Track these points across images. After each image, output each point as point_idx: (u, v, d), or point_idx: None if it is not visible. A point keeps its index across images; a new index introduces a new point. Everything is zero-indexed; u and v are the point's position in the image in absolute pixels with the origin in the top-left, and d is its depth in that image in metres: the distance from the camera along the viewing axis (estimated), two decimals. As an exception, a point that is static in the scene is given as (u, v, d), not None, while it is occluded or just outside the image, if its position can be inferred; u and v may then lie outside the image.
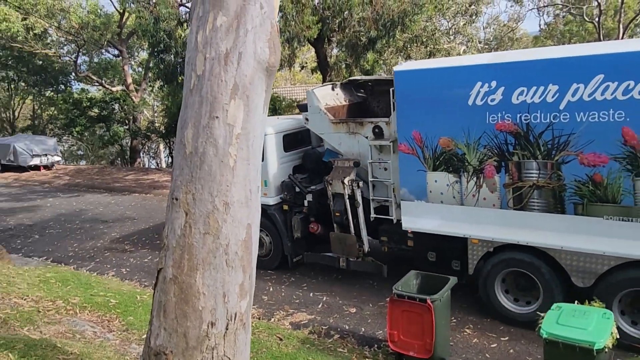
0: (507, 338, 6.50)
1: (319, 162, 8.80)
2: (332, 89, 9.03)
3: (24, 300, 6.98)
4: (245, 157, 2.72)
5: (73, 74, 30.72)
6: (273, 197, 8.89)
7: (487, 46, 31.43)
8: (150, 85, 30.15)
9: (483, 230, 6.64)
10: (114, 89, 28.46)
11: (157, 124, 31.02)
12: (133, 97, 27.59)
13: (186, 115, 2.74)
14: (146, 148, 38.15)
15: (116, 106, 29.34)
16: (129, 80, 28.22)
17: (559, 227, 6.06)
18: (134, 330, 6.40)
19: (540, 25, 32.45)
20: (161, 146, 42.67)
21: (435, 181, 6.90)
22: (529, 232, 6.26)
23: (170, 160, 44.98)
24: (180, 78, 16.26)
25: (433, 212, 7.00)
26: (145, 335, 6.02)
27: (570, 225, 5.98)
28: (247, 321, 2.82)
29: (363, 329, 6.92)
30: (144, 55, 37.59)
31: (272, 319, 7.32)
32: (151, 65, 21.25)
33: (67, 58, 27.94)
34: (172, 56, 15.63)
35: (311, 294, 8.21)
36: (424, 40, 18.78)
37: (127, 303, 7.50)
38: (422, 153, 6.95)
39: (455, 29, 24.42)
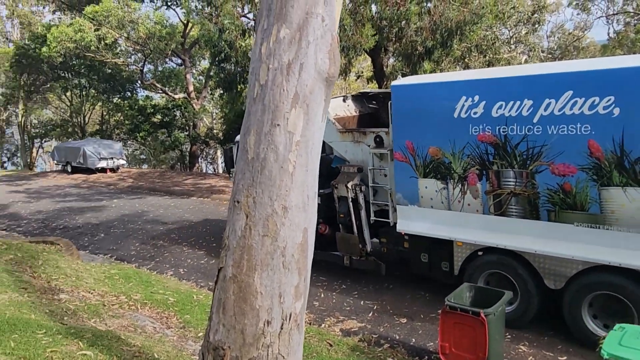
0: (565, 358, 6.27)
1: (329, 167, 9.25)
2: (344, 101, 9.60)
3: (91, 294, 7.42)
4: (304, 163, 2.83)
5: (139, 81, 32.29)
6: None
7: (550, 55, 30.41)
8: (210, 93, 31.18)
9: (467, 234, 7.12)
10: (176, 96, 29.66)
11: (215, 131, 32.01)
12: (194, 105, 28.63)
13: (249, 122, 2.88)
14: (204, 154, 39.42)
15: (178, 113, 30.58)
16: (191, 88, 29.34)
17: (533, 232, 6.46)
18: (191, 328, 6.66)
19: (609, 34, 31.04)
20: (219, 152, 43.98)
21: (426, 187, 7.45)
22: (507, 236, 6.69)
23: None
24: (239, 86, 16.77)
25: (424, 216, 7.55)
26: (201, 333, 6.28)
27: (543, 230, 6.38)
28: (301, 322, 2.92)
29: (414, 340, 6.88)
30: (205, 64, 38.96)
31: (323, 325, 7.40)
32: (212, 74, 22.07)
33: (134, 67, 29.38)
34: (233, 65, 16.12)
35: (362, 302, 8.24)
36: (484, 49, 18.45)
37: (185, 302, 7.80)
38: (414, 161, 7.53)
39: (516, 37, 23.80)
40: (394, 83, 7.76)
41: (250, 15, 16.86)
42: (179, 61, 31.68)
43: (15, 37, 44.60)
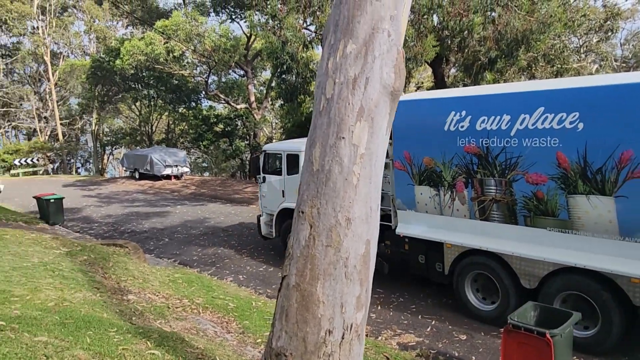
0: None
1: None
2: None
3: (156, 296, 7.75)
4: (368, 175, 2.87)
5: (203, 92, 33.52)
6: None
7: (624, 64, 28.89)
8: (271, 104, 31.86)
9: (455, 237, 7.89)
10: (238, 106, 30.53)
11: (274, 140, 32.62)
12: (255, 115, 29.35)
13: (314, 135, 2.96)
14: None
15: (239, 122, 31.45)
16: (252, 98, 30.12)
17: (512, 235, 7.14)
18: (250, 334, 6.81)
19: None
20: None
21: (421, 194, 8.25)
22: (489, 239, 7.35)
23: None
24: (299, 97, 17.08)
25: (420, 220, 8.38)
26: (260, 340, 6.41)
27: (520, 234, 7.05)
28: (362, 333, 2.94)
29: (474, 358, 6.70)
30: (266, 75, 39.93)
31: (380, 337, 7.36)
32: (273, 85, 22.53)
33: (199, 78, 30.51)
34: (294, 77, 16.46)
35: (419, 317, 8.12)
36: (551, 58, 17.82)
37: (244, 308, 7.99)
38: (411, 170, 8.35)
39: (587, 46, 22.82)
40: (406, 99, 8.40)
41: (312, 28, 17.16)
42: (242, 72, 32.65)
43: (91, 50, 47.59)
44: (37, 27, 45.71)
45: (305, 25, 17.80)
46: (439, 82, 17.24)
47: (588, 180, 6.29)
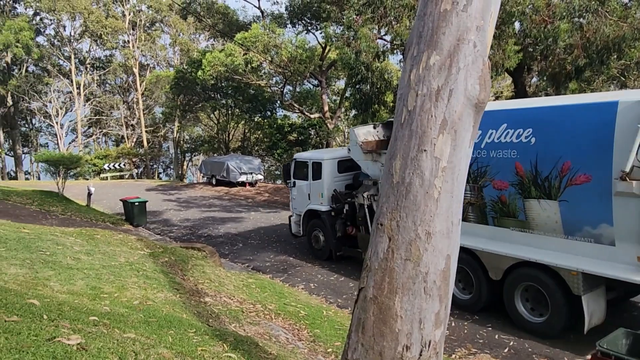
0: None
1: (360, 181, 11.52)
2: (374, 128, 11.23)
3: (231, 300, 7.99)
4: (450, 189, 2.82)
5: (278, 102, 34.32)
6: (325, 206, 12.31)
7: None
8: (345, 113, 32.02)
9: None
10: (311, 116, 30.95)
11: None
12: (328, 124, 29.62)
13: (395, 147, 2.95)
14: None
15: (312, 132, 31.87)
16: (326, 108, 30.41)
17: (483, 234, 8.37)
18: (320, 343, 6.84)
19: None
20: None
21: None
22: (466, 237, 7.34)
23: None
24: (374, 107, 17.05)
25: None
26: (330, 349, 6.41)
27: (489, 233, 8.30)
28: (440, 351, 2.87)
29: (555, 384, 6.34)
30: (340, 84, 40.24)
31: (453, 355, 7.14)
32: (348, 94, 22.66)
33: (275, 88, 31.28)
34: (368, 87, 16.45)
35: (496, 336, 7.80)
36: (646, 67, 16.59)
37: (315, 316, 8.05)
38: None
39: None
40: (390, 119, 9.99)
41: (388, 37, 17.10)
42: (316, 82, 33.12)
43: (175, 62, 50.26)
44: (128, 41, 48.98)
45: (380, 35, 17.78)
46: (520, 92, 16.57)
47: (538, 186, 7.47)
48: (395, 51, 17.08)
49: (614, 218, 6.68)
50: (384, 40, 17.11)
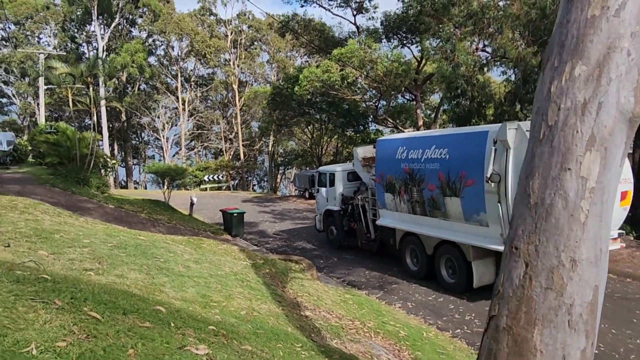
0: None
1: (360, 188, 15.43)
2: (373, 147, 14.32)
3: (330, 315, 7.96)
4: (598, 213, 2.54)
5: (371, 116, 34.27)
6: (337, 207, 15.98)
7: None
8: (443, 127, 31.29)
9: (401, 225, 12.79)
10: (405, 130, 30.53)
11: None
12: (422, 139, 29.07)
13: (533, 164, 2.73)
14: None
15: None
16: (420, 122, 29.89)
17: (424, 223, 11.89)
18: (423, 366, 6.58)
19: None
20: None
21: (388, 198, 13.07)
22: (415, 226, 12.17)
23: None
24: (473, 121, 16.46)
25: (388, 216, 13.31)
26: (435, 374, 6.13)
27: (426, 222, 11.81)
28: (584, 392, 2.59)
29: None
30: (434, 98, 39.46)
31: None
32: (445, 108, 22.06)
33: (369, 103, 31.30)
34: (468, 101, 15.93)
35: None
36: None
37: (415, 337, 7.79)
38: (382, 183, 13.19)
39: None
40: (378, 139, 14.34)
41: (489, 49, 16.49)
42: (410, 96, 32.71)
43: (272, 78, 52.15)
44: (229, 59, 51.65)
45: (479, 47, 17.20)
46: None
47: (450, 188, 10.78)
48: (496, 64, 16.44)
49: (486, 208, 9.94)
50: (486, 52, 16.53)
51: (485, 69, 15.78)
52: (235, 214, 18.44)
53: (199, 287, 6.46)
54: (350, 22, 33.44)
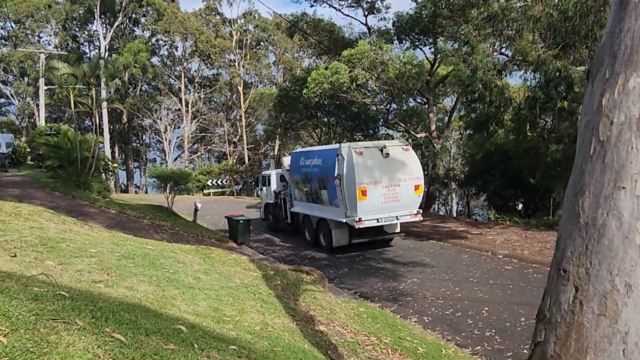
0: None
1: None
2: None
3: (345, 330, 7.89)
4: (656, 235, 2.47)
5: (382, 120, 34.22)
6: (272, 200, 22.34)
7: None
8: (459, 133, 31.26)
9: (302, 210, 19.04)
10: (417, 135, 30.47)
11: (455, 171, 31.74)
12: (434, 144, 28.96)
13: (582, 182, 2.66)
14: (440, 195, 39.40)
15: (418, 152, 31.27)
16: (433, 127, 29.82)
17: (313, 207, 18.16)
18: (445, 386, 6.49)
19: None
20: (453, 194, 43.51)
21: (296, 192, 19.37)
22: (309, 210, 18.51)
23: (460, 208, 45.38)
24: (491, 128, 16.38)
25: (298, 205, 19.42)
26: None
27: (315, 207, 17.97)
28: None
29: None
30: (447, 102, 39.37)
31: None
32: (462, 113, 22.00)
33: (380, 106, 31.26)
34: (486, 106, 15.84)
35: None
36: None
37: (434, 354, 7.69)
38: (294, 182, 19.37)
39: None
40: (292, 152, 21.12)
41: (509, 52, 16.42)
42: (422, 100, 32.67)
43: (278, 80, 52.23)
44: (234, 60, 51.78)
45: (499, 49, 17.13)
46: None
47: (323, 184, 16.81)
48: (515, 67, 16.35)
49: (337, 195, 15.97)
50: (505, 55, 16.45)
51: (504, 72, 15.68)
52: (242, 221, 18.41)
53: (211, 300, 6.41)
54: (361, 23, 33.53)
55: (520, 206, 27.19)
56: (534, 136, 18.76)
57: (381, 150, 16.14)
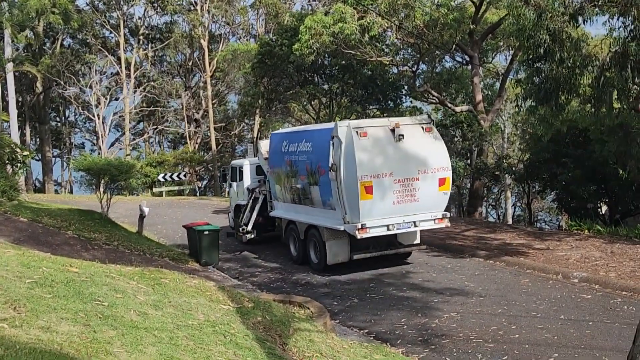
0: None
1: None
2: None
3: (354, 386, 7.93)
4: None
5: (406, 87, 34.24)
6: (245, 201, 22.41)
7: None
8: (516, 106, 31.24)
9: (286, 214, 19.67)
10: (457, 108, 30.51)
11: (511, 160, 31.81)
12: (481, 120, 29.01)
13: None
14: (489, 193, 39.52)
15: (457, 132, 31.38)
16: (478, 97, 29.87)
17: (300, 211, 18.56)
18: None
19: None
20: (508, 193, 43.66)
21: (278, 188, 19.64)
22: (294, 213, 18.98)
23: (518, 212, 45.40)
24: (562, 97, 16.33)
25: (280, 208, 20.01)
26: None
27: (301, 210, 18.45)
28: None
29: None
30: (500, 61, 39.42)
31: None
32: (520, 77, 21.90)
33: (404, 67, 31.28)
34: (554, 66, 15.80)
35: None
36: None
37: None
38: (275, 175, 19.74)
39: None
40: (272, 133, 23.23)
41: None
42: (463, 58, 32.71)
43: (259, 31, 52.19)
44: (196, 3, 51.71)
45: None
46: None
47: (313, 178, 17.02)
48: (597, 11, 16.29)
49: (332, 193, 16.02)
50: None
51: (580, 18, 15.62)
52: (207, 232, 18.46)
53: (162, 345, 6.44)
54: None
55: (604, 209, 27.21)
56: (624, 109, 18.63)
57: (392, 131, 16.07)
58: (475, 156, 31.14)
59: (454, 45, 28.29)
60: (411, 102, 37.90)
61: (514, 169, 30.21)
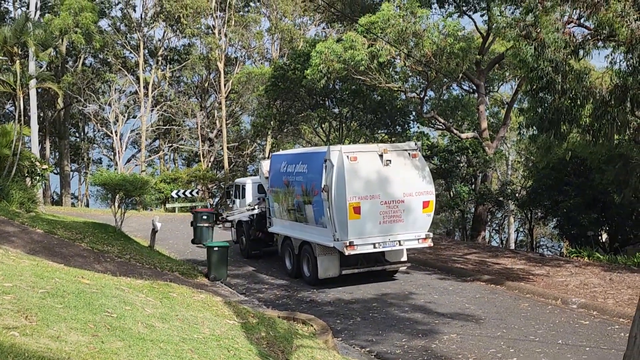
0: None
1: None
2: None
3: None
4: None
5: (413, 113, 34.33)
6: (246, 217, 23.57)
7: None
8: (519, 133, 31.28)
9: (282, 230, 20.61)
10: (462, 135, 30.53)
11: (514, 186, 31.76)
12: (486, 147, 29.01)
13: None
14: (492, 218, 39.41)
15: (462, 158, 31.38)
16: (484, 124, 29.91)
17: (295, 228, 19.65)
18: None
19: None
20: (511, 218, 43.54)
21: (276, 206, 20.67)
22: (290, 230, 20.01)
23: (520, 237, 45.26)
24: (564, 127, 16.37)
25: (277, 224, 20.92)
26: None
27: (296, 227, 19.49)
28: None
29: None
30: (506, 91, 39.48)
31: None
32: (524, 106, 22.00)
33: (412, 94, 31.37)
34: (556, 96, 15.85)
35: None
36: None
37: None
38: (273, 193, 20.79)
39: None
40: (272, 154, 23.71)
41: (589, 24, 16.45)
42: (469, 86, 32.80)
43: (274, 55, 52.47)
44: (213, 26, 52.12)
45: (577, 20, 17.16)
46: None
47: (307, 197, 18.05)
48: (598, 45, 16.38)
49: (323, 212, 16.94)
50: (585, 27, 16.47)
51: (582, 51, 15.70)
52: (216, 248, 18.49)
53: (168, 357, 6.46)
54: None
55: (604, 237, 27.10)
56: (624, 140, 18.66)
57: (381, 156, 17.09)
58: (479, 182, 31.10)
59: (461, 74, 28.34)
60: (418, 127, 37.96)
61: (517, 195, 30.24)
